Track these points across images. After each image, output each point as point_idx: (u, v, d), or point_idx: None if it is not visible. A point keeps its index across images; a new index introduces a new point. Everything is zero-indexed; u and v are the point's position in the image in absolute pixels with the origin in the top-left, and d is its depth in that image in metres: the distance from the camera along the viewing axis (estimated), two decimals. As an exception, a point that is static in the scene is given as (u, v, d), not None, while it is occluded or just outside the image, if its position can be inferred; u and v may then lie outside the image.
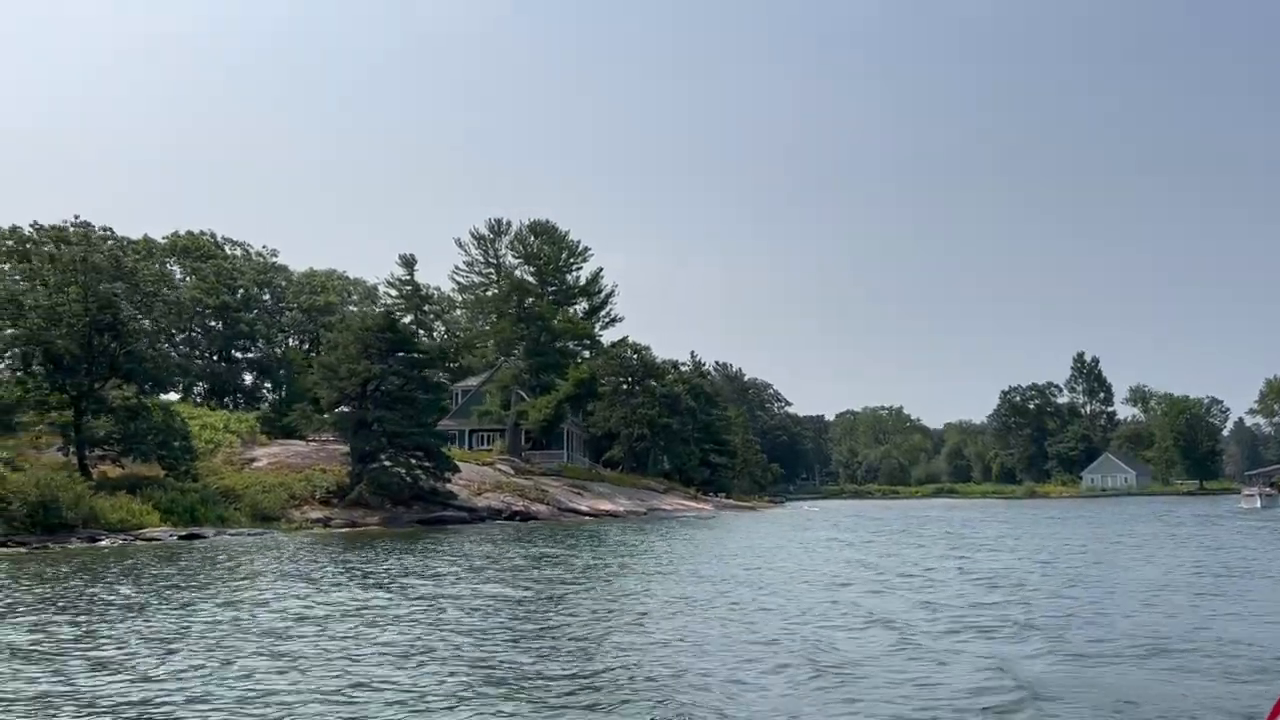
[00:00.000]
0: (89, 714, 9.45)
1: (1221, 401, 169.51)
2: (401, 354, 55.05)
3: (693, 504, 67.81)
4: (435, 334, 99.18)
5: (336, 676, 11.02)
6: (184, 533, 39.76)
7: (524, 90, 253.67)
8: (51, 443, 49.61)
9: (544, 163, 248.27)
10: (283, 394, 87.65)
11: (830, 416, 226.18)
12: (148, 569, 25.86)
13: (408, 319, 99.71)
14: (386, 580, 22.45)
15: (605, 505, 60.32)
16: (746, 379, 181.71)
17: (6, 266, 75.05)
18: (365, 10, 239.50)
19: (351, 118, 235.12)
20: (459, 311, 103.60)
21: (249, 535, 41.84)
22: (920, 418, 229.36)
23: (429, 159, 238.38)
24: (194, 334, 73.96)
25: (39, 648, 13.25)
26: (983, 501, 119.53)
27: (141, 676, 11.17)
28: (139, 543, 36.87)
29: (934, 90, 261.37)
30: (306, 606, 17.60)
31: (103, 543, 36.21)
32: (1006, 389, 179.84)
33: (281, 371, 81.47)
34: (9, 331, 44.88)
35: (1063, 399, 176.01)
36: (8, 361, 46.57)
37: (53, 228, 77.55)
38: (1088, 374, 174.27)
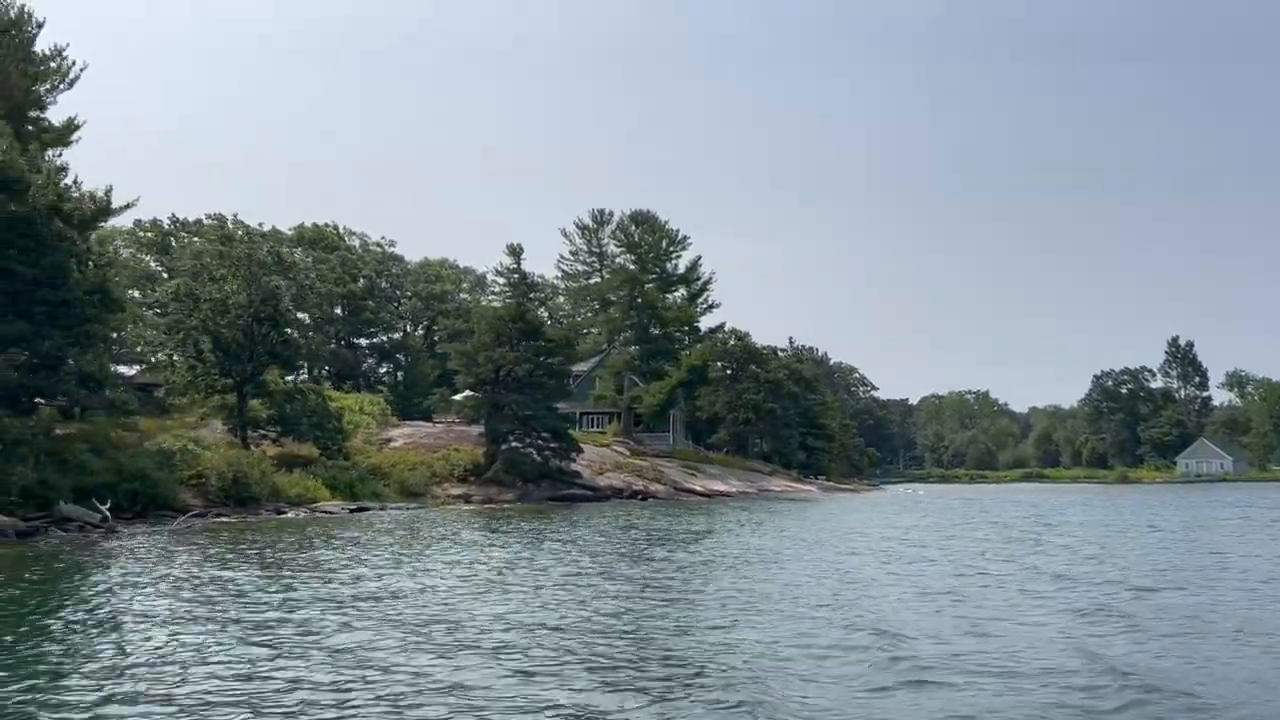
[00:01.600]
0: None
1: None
2: (530, 342, 58.38)
3: (798, 486, 70.40)
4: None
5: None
6: (353, 506, 43.68)
7: (619, 87, 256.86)
8: (206, 422, 54.17)
9: (635, 150, 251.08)
10: (398, 377, 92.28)
11: (914, 400, 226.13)
12: (374, 533, 29.49)
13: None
14: (585, 545, 25.64)
15: (718, 486, 63.18)
16: (832, 363, 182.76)
17: (148, 257, 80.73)
18: (476, 9, 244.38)
19: (455, 112, 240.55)
20: (561, 299, 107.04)
21: (407, 509, 45.69)
22: (1007, 402, 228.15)
23: (534, 152, 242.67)
24: (322, 321, 78.41)
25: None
26: (1077, 486, 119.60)
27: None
28: (318, 515, 40.80)
29: (1023, 75, 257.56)
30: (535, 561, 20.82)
31: (288, 514, 40.18)
32: (1099, 373, 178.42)
33: (400, 356, 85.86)
34: (189, 322, 49.14)
35: (1156, 384, 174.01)
36: (183, 350, 50.72)
37: (194, 222, 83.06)
38: (1182, 358, 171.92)
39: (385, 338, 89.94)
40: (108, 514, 31.11)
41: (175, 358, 51.19)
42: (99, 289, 34.35)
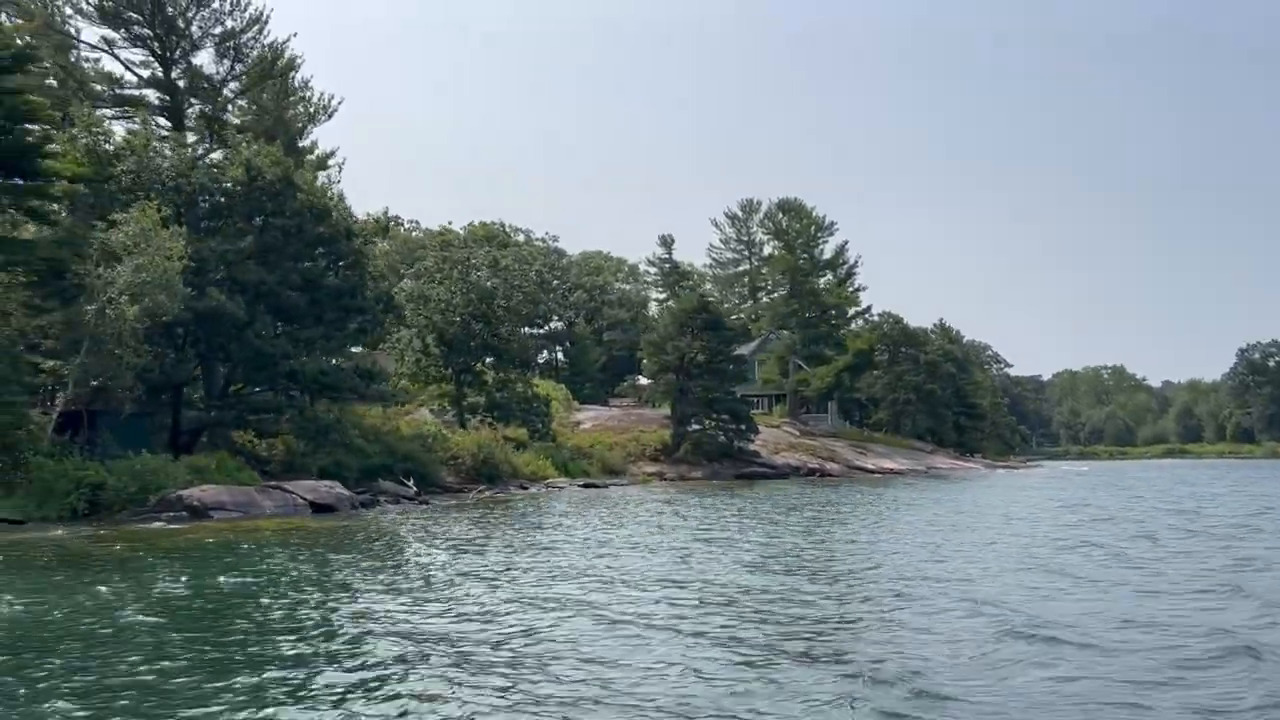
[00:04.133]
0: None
1: None
2: (711, 331, 62.73)
3: (963, 464, 73.36)
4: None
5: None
6: (581, 482, 48.89)
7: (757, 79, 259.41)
8: (415, 409, 60.13)
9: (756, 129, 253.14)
10: (558, 364, 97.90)
11: (1046, 376, 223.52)
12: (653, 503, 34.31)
13: (664, 295, 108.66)
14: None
15: (887, 464, 66.63)
16: (965, 340, 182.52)
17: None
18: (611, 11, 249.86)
19: (588, 105, 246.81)
20: (708, 285, 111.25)
21: (625, 485, 50.71)
22: (1144, 376, 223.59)
23: (678, 144, 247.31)
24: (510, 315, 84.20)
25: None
26: (1230, 462, 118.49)
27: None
28: (554, 489, 46.03)
29: (1171, 35, 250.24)
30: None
31: (530, 489, 45.48)
32: (1244, 346, 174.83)
33: (569, 344, 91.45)
34: (418, 320, 55.01)
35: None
36: (411, 344, 56.49)
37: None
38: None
39: (549, 327, 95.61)
40: (415, 488, 36.64)
41: (405, 352, 56.86)
42: (384, 297, 39.94)
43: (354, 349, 45.88)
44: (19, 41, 34.04)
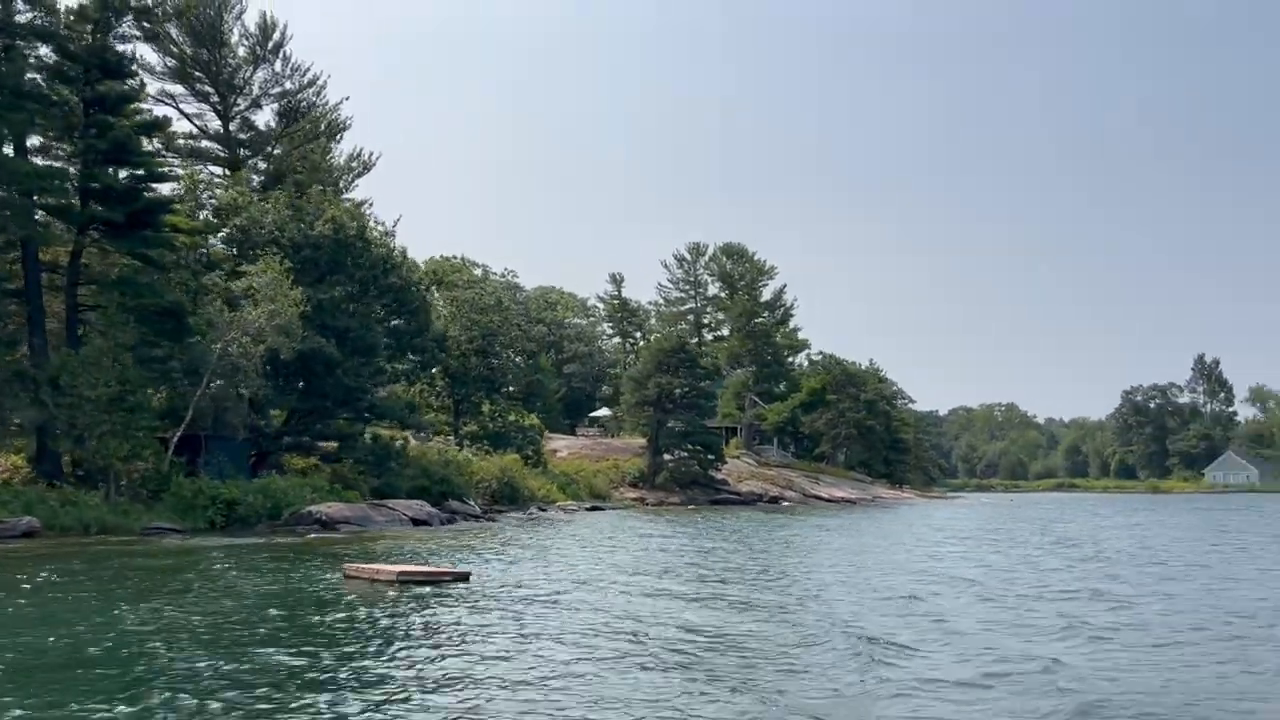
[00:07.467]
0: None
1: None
2: (688, 369, 69.08)
3: (900, 494, 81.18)
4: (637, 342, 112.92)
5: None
6: (588, 505, 54.38)
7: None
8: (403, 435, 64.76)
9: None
10: (512, 394, 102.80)
11: (942, 412, 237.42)
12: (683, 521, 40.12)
13: (613, 330, 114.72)
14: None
15: (839, 493, 73.73)
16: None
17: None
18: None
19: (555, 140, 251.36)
20: (653, 321, 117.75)
21: (618, 509, 56.38)
22: (1035, 414, 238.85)
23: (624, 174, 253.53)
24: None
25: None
26: (1119, 496, 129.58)
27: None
28: (566, 511, 51.40)
29: (1076, 80, 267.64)
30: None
31: (547, 512, 50.78)
32: (1128, 389, 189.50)
33: (537, 377, 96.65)
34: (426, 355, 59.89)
35: (1183, 399, 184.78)
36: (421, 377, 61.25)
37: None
38: (1209, 375, 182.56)
39: (522, 361, 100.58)
40: (479, 508, 41.84)
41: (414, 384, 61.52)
42: (440, 337, 45.15)
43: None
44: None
